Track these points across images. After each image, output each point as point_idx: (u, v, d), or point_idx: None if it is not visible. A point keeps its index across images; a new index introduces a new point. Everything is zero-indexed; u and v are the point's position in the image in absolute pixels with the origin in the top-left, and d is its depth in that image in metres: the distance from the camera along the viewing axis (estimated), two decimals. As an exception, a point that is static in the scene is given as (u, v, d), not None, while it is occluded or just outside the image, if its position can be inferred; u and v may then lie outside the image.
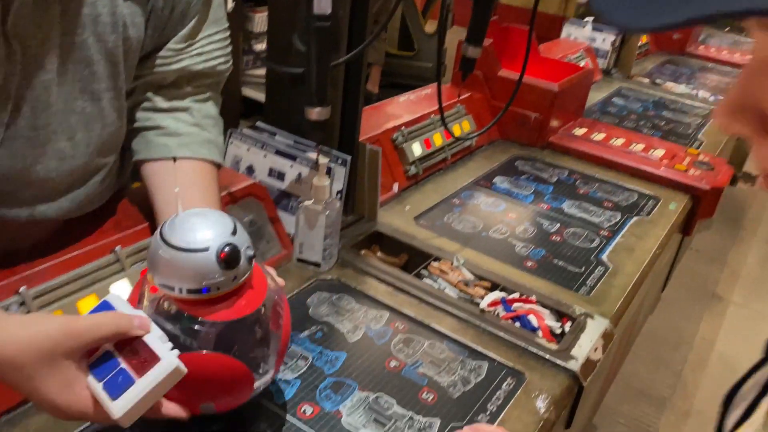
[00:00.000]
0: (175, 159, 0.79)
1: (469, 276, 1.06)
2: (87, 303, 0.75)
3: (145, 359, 0.56)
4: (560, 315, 0.99)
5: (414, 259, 1.12)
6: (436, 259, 1.10)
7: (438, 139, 1.41)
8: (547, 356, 0.88)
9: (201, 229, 0.59)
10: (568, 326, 0.97)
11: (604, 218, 1.32)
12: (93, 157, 0.75)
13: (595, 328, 0.95)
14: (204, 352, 0.60)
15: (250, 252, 0.62)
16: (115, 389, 0.55)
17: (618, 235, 1.25)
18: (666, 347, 2.24)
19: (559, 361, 0.87)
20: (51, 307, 0.72)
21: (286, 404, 0.76)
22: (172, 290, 0.59)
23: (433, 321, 0.93)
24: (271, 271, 0.71)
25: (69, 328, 0.55)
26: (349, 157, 1.03)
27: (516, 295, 1.02)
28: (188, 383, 0.58)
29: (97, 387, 0.56)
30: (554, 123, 1.64)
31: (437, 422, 0.76)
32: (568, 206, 1.36)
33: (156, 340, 0.58)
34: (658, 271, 1.38)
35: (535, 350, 0.89)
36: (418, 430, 0.75)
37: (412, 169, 1.32)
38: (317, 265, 1.00)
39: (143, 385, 0.55)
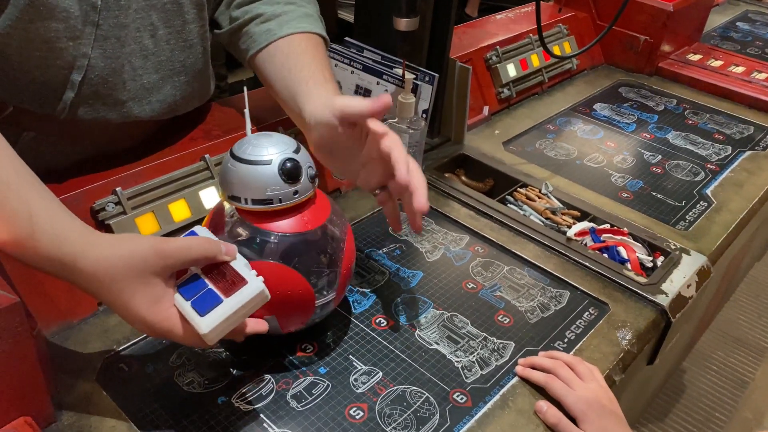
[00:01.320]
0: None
1: (557, 204, 1.02)
2: (177, 207, 0.79)
3: (232, 282, 0.58)
4: (653, 249, 0.94)
5: (499, 185, 1.09)
6: (523, 185, 1.06)
7: (535, 60, 1.33)
8: (635, 289, 0.83)
9: (266, 146, 0.63)
10: (660, 261, 0.92)
11: (713, 151, 1.22)
12: (176, 54, 0.77)
13: (690, 264, 0.89)
14: (269, 260, 0.63)
15: (312, 171, 0.65)
16: (203, 307, 0.57)
17: (726, 170, 1.15)
18: (772, 296, 2.10)
19: (647, 295, 0.83)
20: (143, 208, 0.76)
21: (362, 314, 0.77)
22: (239, 201, 0.63)
23: (515, 247, 0.91)
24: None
25: (160, 248, 0.56)
26: (437, 75, 1.00)
27: (606, 226, 0.97)
28: None
29: (185, 305, 0.57)
30: (666, 47, 1.51)
31: (511, 345, 0.75)
32: (674, 137, 1.26)
33: (242, 266, 0.59)
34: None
35: (622, 282, 0.84)
36: (492, 350, 0.74)
37: (505, 92, 1.27)
38: (400, 184, 0.99)
39: (230, 304, 0.57)
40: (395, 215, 0.75)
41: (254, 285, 0.58)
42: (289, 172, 0.62)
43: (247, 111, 0.68)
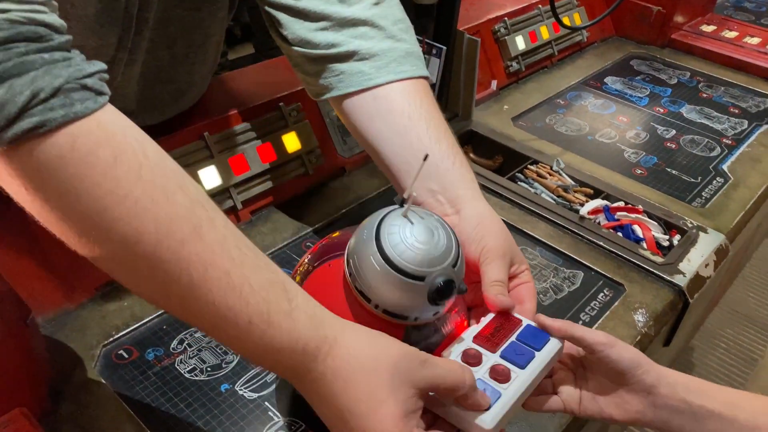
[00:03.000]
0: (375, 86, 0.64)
1: (569, 181, 0.99)
2: (176, 187, 0.76)
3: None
4: (669, 227, 0.91)
5: (509, 162, 1.05)
6: (534, 162, 1.03)
7: (545, 32, 1.29)
8: (651, 269, 0.81)
9: (424, 250, 0.49)
10: (677, 239, 0.89)
11: (729, 125, 1.18)
12: (195, 67, 0.74)
13: (708, 243, 0.86)
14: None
15: (463, 287, 0.52)
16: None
17: (743, 145, 1.12)
18: (781, 273, 2.07)
19: (664, 275, 0.80)
20: (141, 189, 0.73)
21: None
22: (368, 301, 0.51)
23: (526, 226, 0.88)
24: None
25: (424, 358, 0.46)
26: (444, 48, 0.96)
27: (620, 204, 0.94)
28: None
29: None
30: (678, 18, 1.46)
31: (524, 328, 0.72)
32: (688, 111, 1.22)
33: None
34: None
35: (637, 262, 0.82)
36: (504, 334, 0.71)
37: (514, 65, 1.22)
38: (407, 162, 0.96)
39: (511, 394, 0.50)
40: None
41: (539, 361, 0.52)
42: (441, 294, 0.49)
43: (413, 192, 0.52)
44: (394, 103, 0.63)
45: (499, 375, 0.50)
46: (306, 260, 0.58)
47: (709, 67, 1.40)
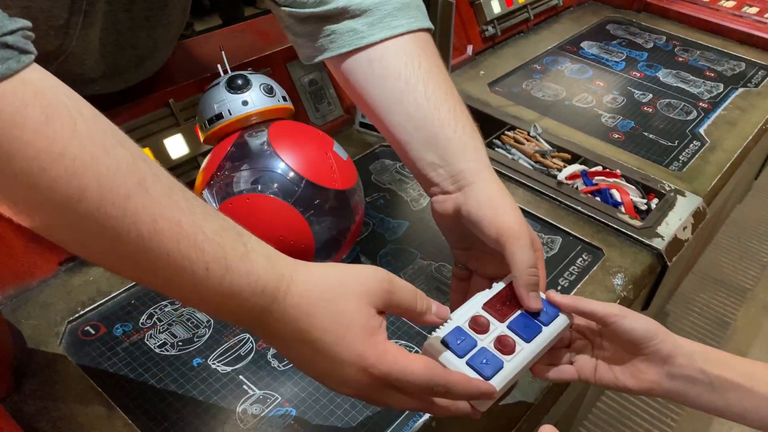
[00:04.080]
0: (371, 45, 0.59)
1: (547, 147, 0.97)
2: (141, 157, 0.73)
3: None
4: (647, 191, 0.90)
5: (486, 128, 1.03)
6: (511, 128, 1.01)
7: (520, -4, 1.26)
8: (630, 233, 0.80)
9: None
10: (654, 203, 0.88)
11: (705, 89, 1.17)
12: (156, 32, 0.70)
13: (685, 206, 0.86)
14: (280, 198, 0.60)
15: (267, 85, 0.68)
16: (486, 369, 0.49)
17: (719, 108, 1.11)
18: (752, 238, 2.10)
19: (642, 239, 0.79)
20: (104, 158, 0.70)
21: (344, 268, 0.73)
22: (202, 129, 0.68)
23: (504, 192, 0.86)
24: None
25: (385, 278, 0.46)
26: (419, 10, 0.93)
27: (598, 168, 0.93)
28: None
29: (459, 363, 0.49)
30: (655, -19, 1.44)
31: (503, 295, 0.71)
32: (664, 75, 1.21)
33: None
34: (757, 154, 1.24)
35: (616, 226, 0.81)
36: (483, 301, 0.70)
37: (490, 30, 1.20)
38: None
39: (516, 363, 0.50)
40: (459, 302, 0.55)
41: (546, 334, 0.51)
42: (232, 82, 0.64)
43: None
44: (389, 66, 0.59)
45: (504, 346, 0.50)
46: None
47: (684, 30, 1.39)
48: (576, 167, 0.92)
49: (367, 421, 0.57)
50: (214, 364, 0.61)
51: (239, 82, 0.64)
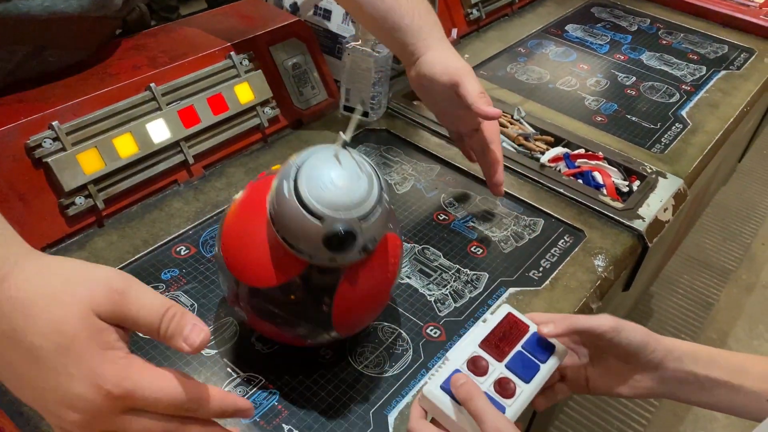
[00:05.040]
0: None
1: (530, 130, 0.98)
2: (123, 141, 0.72)
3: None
4: (629, 173, 0.91)
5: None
6: (495, 111, 1.01)
7: (504, -21, 1.26)
8: (611, 215, 0.81)
9: (331, 192, 0.48)
10: (636, 185, 0.89)
11: (688, 71, 1.18)
12: None
13: (666, 188, 0.87)
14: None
15: (370, 246, 0.51)
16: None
17: (702, 90, 1.12)
18: (736, 220, 2.13)
19: (623, 220, 0.80)
20: (85, 144, 0.69)
21: (328, 252, 0.73)
22: (273, 225, 0.51)
23: (488, 175, 0.87)
24: None
25: (117, 286, 0.38)
26: (402, -7, 0.93)
27: (581, 151, 0.93)
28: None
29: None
30: (639, -36, 1.44)
31: (485, 276, 0.72)
32: (648, 58, 1.22)
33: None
34: (739, 136, 1.25)
35: (597, 208, 0.82)
36: (465, 282, 0.71)
37: (474, 13, 1.20)
38: (365, 114, 0.94)
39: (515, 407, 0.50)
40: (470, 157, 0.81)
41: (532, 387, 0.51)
42: (338, 242, 0.48)
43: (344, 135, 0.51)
44: None
45: (504, 390, 0.50)
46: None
47: (668, 13, 1.39)
48: (559, 150, 0.92)
49: (350, 401, 0.58)
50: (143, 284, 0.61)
51: (343, 245, 0.48)
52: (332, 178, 0.48)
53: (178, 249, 0.71)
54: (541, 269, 0.74)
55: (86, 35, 0.74)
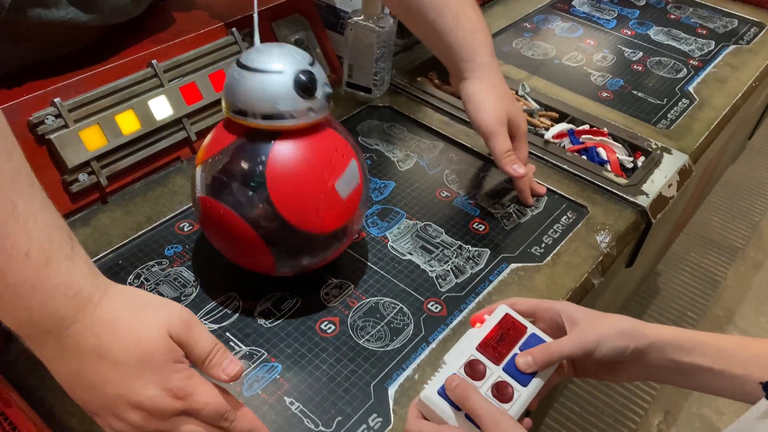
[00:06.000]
0: None
1: (535, 106, 0.97)
2: (125, 118, 0.72)
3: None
4: (634, 149, 0.90)
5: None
6: (500, 87, 1.01)
7: (510, -48, 1.24)
8: (615, 190, 0.80)
9: (278, 55, 0.56)
10: (641, 161, 0.88)
11: (696, 47, 1.16)
12: None
13: (671, 164, 0.86)
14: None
15: (328, 89, 0.58)
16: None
17: (710, 66, 1.11)
18: (745, 197, 2.11)
19: (627, 196, 0.80)
20: (87, 121, 0.69)
21: (330, 228, 0.73)
22: (246, 116, 0.56)
23: (491, 151, 0.86)
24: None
25: (187, 320, 0.46)
26: (405, -33, 0.92)
27: (585, 127, 0.92)
28: None
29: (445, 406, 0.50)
30: (649, -64, 1.41)
31: (487, 252, 0.72)
32: (655, 33, 1.20)
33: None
34: (749, 113, 1.23)
35: (601, 184, 0.81)
36: (467, 258, 0.71)
37: (479, -12, 1.18)
38: (368, 90, 0.93)
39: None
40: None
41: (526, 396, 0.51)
42: (304, 85, 0.55)
43: (256, 17, 0.61)
44: None
45: (502, 394, 0.50)
46: None
47: (678, -13, 1.37)
48: (563, 126, 0.92)
49: (351, 374, 0.59)
50: (201, 321, 0.62)
51: (309, 85, 0.56)
52: (266, 48, 0.57)
53: (181, 225, 0.72)
54: (543, 245, 0.74)
55: (98, 33, 0.75)
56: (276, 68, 0.55)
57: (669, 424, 1.47)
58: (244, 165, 0.57)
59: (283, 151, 0.57)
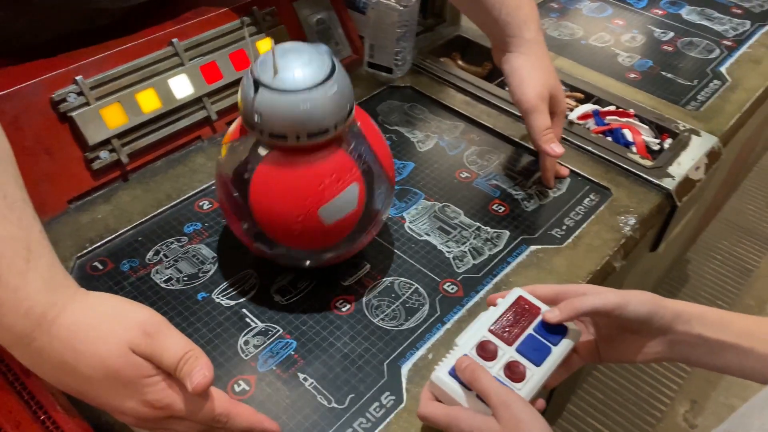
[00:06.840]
0: None
1: (560, 87, 0.95)
2: (146, 96, 0.73)
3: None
4: (661, 131, 0.88)
5: (498, 68, 1.01)
6: (524, 68, 0.99)
7: (538, -70, 1.21)
8: (639, 173, 0.78)
9: (300, 63, 0.52)
10: (668, 143, 0.86)
11: (730, 26, 1.12)
12: None
13: (699, 146, 0.84)
14: None
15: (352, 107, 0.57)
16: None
17: (744, 46, 1.07)
18: (782, 185, 2.05)
19: (652, 179, 0.78)
20: (108, 99, 0.70)
21: (348, 208, 0.73)
22: (285, 140, 0.53)
23: (514, 132, 0.85)
24: None
25: (149, 329, 0.44)
26: (428, -55, 0.90)
27: (611, 108, 0.90)
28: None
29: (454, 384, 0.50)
30: None
31: (506, 234, 0.71)
32: (687, 12, 1.16)
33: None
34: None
35: (625, 166, 0.79)
36: (485, 240, 0.70)
37: (505, -33, 1.16)
38: (389, 71, 0.92)
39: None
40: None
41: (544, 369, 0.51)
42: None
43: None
44: None
45: (514, 374, 0.49)
46: None
47: (713, -35, 1.32)
48: (588, 107, 0.90)
49: (365, 353, 0.59)
50: (218, 298, 0.63)
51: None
52: (281, 56, 0.53)
53: (200, 203, 0.72)
54: (564, 227, 0.72)
55: (120, 13, 0.75)
56: (309, 81, 0.52)
57: (696, 414, 1.45)
58: (239, 166, 0.56)
59: (271, 165, 0.55)
